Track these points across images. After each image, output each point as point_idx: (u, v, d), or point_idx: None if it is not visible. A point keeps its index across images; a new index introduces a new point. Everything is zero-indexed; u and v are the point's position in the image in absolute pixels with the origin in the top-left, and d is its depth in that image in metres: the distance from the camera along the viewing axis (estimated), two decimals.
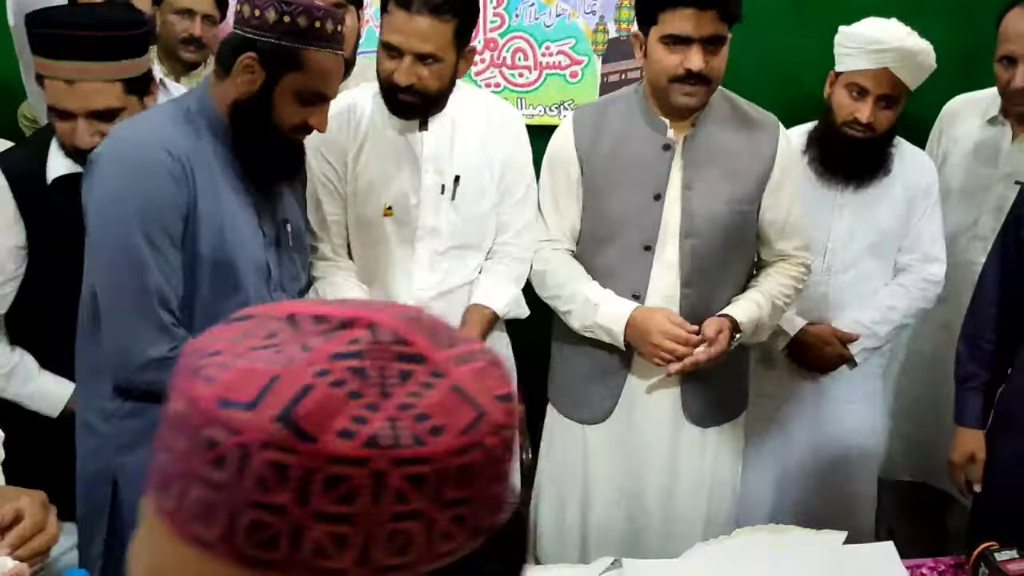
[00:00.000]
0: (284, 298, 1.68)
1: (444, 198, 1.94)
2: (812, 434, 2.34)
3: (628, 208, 1.93)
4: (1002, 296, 1.95)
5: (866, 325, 2.23)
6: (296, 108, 1.54)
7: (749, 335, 1.96)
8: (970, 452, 2.01)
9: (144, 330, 1.50)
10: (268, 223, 1.65)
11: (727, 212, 1.91)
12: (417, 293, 1.97)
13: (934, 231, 2.27)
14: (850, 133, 2.13)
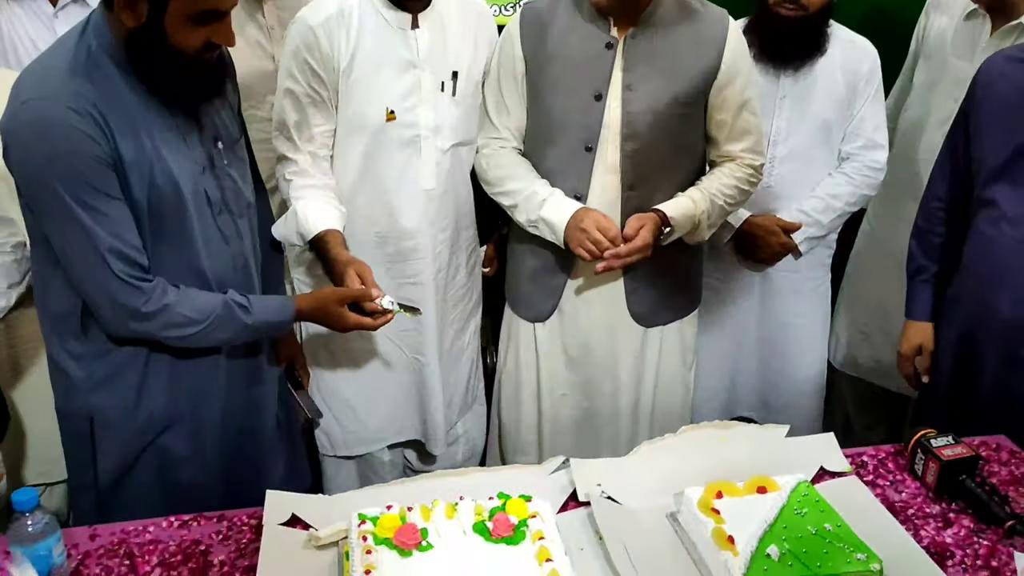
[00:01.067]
0: (230, 221, 1.65)
1: (444, 95, 1.93)
2: (762, 327, 2.39)
3: (569, 108, 1.91)
4: (949, 190, 1.98)
5: (808, 213, 2.26)
6: (192, 30, 1.45)
7: (684, 231, 1.95)
8: (918, 344, 2.06)
9: (111, 291, 1.50)
10: (197, 147, 1.58)
11: (669, 114, 1.89)
12: (425, 192, 1.97)
13: (877, 117, 2.27)
14: (783, 13, 2.11)
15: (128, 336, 1.58)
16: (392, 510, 1.39)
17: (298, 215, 1.87)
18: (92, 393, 1.61)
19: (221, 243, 1.64)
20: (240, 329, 1.63)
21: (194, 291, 1.59)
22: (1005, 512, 1.49)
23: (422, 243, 2.01)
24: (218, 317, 1.59)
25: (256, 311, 1.64)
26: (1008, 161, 1.81)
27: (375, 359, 2.11)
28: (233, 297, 1.62)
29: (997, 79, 1.85)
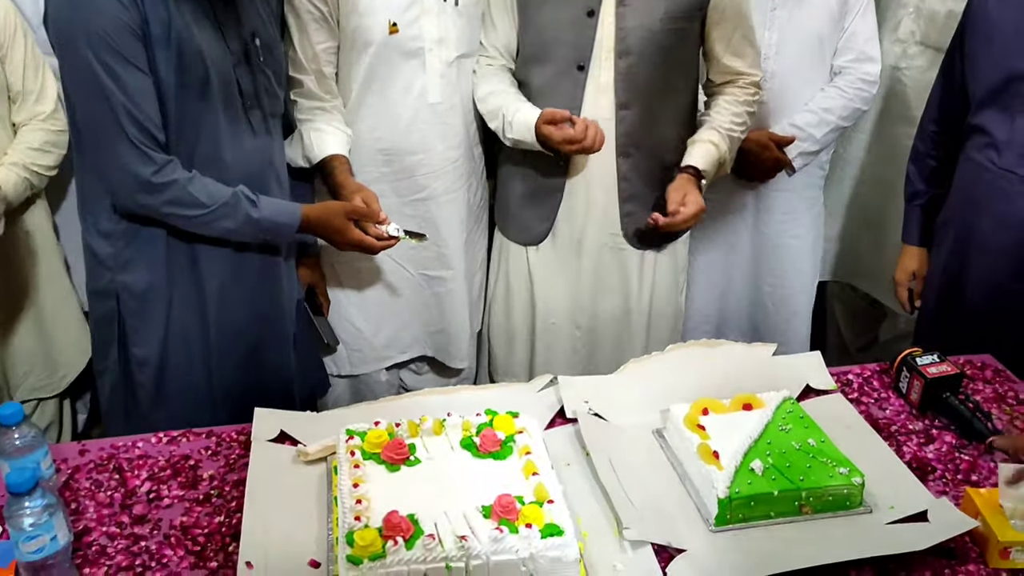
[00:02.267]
0: (260, 116, 1.70)
1: (447, 5, 1.90)
2: (754, 246, 2.39)
3: (560, 24, 1.87)
4: (944, 114, 1.96)
5: (802, 128, 2.23)
6: None
7: (712, 175, 1.96)
8: (911, 270, 2.08)
9: (121, 155, 1.54)
10: (234, 39, 1.62)
11: (663, 29, 1.85)
12: (431, 107, 1.95)
13: (868, 30, 2.24)
14: None
15: (135, 210, 1.61)
16: (380, 426, 1.40)
17: (303, 139, 1.88)
18: (120, 271, 1.67)
19: (249, 135, 1.68)
20: (244, 221, 1.64)
21: (207, 179, 1.61)
22: (987, 428, 1.51)
23: (429, 158, 1.99)
24: (225, 204, 1.62)
25: (264, 207, 1.66)
26: (998, 87, 1.78)
27: (380, 278, 2.10)
28: (243, 190, 1.64)
29: (993, 3, 1.80)
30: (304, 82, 1.89)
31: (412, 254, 2.06)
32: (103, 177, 1.61)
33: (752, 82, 1.99)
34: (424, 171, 2.00)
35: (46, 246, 2.14)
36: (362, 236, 1.75)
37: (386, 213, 1.83)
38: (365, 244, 1.76)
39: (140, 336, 1.71)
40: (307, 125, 1.89)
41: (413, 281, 2.12)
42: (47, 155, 1.98)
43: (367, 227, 1.76)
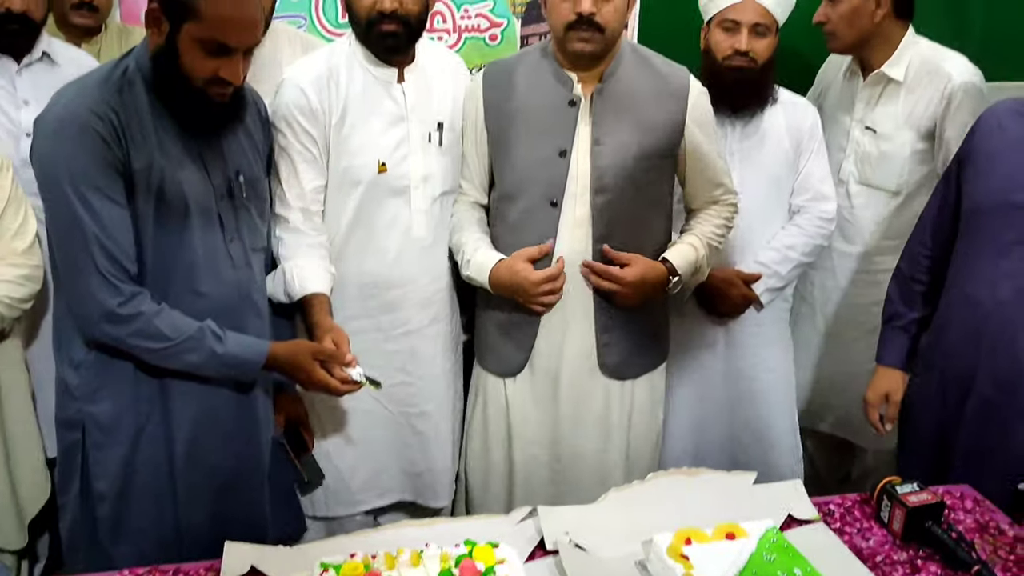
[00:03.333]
0: (240, 249, 1.73)
1: (432, 145, 1.97)
2: (728, 381, 2.40)
3: (532, 163, 1.95)
4: (936, 237, 1.99)
5: (767, 265, 2.31)
6: (202, 58, 1.55)
7: (688, 277, 2.01)
8: (885, 392, 2.06)
9: (90, 285, 1.56)
10: (218, 175, 1.67)
11: (637, 167, 1.93)
12: (415, 241, 1.99)
13: (822, 170, 2.36)
14: (733, 64, 2.20)
15: (100, 339, 1.61)
16: (356, 558, 1.36)
17: (286, 275, 1.90)
18: (87, 401, 1.66)
19: (228, 267, 1.70)
20: (209, 355, 1.64)
21: (175, 312, 1.63)
22: (972, 557, 1.49)
23: (413, 291, 2.02)
24: (190, 338, 1.62)
25: (229, 343, 1.66)
26: (992, 213, 1.81)
27: (358, 417, 2.08)
28: (209, 325, 1.65)
29: (995, 128, 1.85)
30: (290, 219, 1.93)
31: (392, 391, 2.05)
32: (72, 306, 1.62)
33: (731, 203, 2.07)
34: (408, 304, 2.02)
35: (16, 382, 2.10)
36: (326, 378, 1.74)
37: (369, 349, 1.86)
38: (329, 386, 1.75)
39: (102, 468, 1.67)
40: (290, 262, 1.91)
41: (393, 420, 2.09)
42: (20, 288, 1.98)
43: (332, 369, 1.75)
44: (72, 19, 2.36)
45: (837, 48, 2.43)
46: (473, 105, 2.01)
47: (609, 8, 1.83)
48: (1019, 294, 1.78)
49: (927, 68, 2.38)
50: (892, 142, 2.41)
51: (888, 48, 2.40)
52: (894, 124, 2.40)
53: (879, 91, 2.43)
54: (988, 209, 1.83)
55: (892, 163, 2.42)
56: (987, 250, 1.82)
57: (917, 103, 2.38)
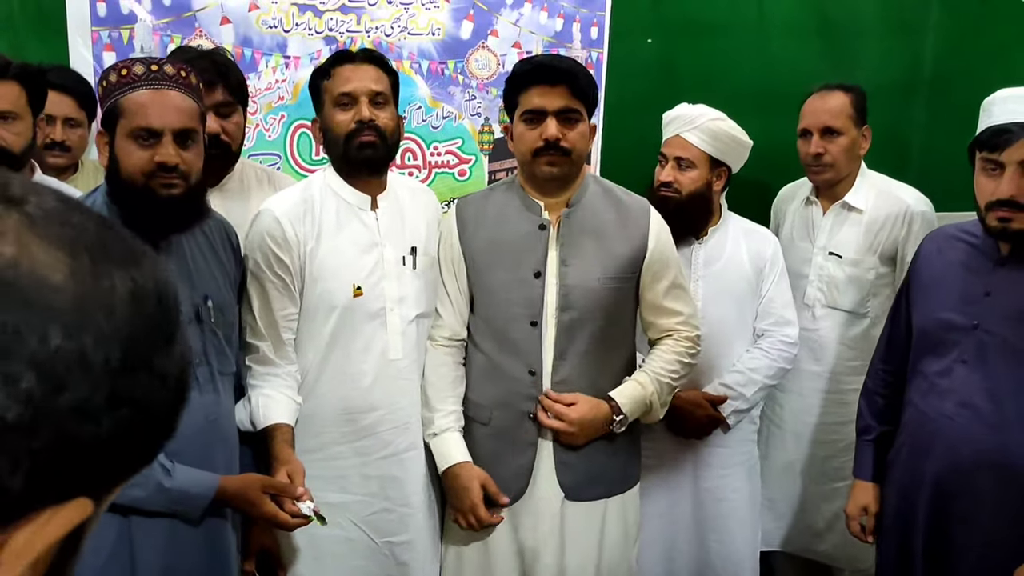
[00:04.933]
0: (208, 373, 1.73)
1: (406, 269, 2.02)
2: (697, 505, 2.43)
3: (511, 286, 2.03)
4: (892, 355, 2.09)
5: (732, 387, 2.37)
6: (134, 150, 1.61)
7: (637, 414, 2.05)
8: (862, 505, 2.11)
9: None
10: (185, 300, 1.69)
11: (601, 288, 2.01)
12: (392, 363, 2.01)
13: (784, 296, 2.46)
14: (660, 194, 2.34)
15: None
16: None
17: (251, 404, 1.90)
18: None
19: (195, 391, 1.67)
20: (155, 489, 1.61)
21: None
22: None
23: (392, 414, 2.02)
24: None
25: (178, 477, 1.64)
26: (934, 333, 1.92)
27: (339, 546, 2.02)
28: (159, 458, 1.60)
29: (935, 253, 1.98)
30: (260, 348, 1.95)
31: (373, 519, 2.03)
32: None
33: (687, 336, 2.12)
34: (386, 427, 2.02)
35: None
36: (275, 511, 1.72)
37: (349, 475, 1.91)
38: (279, 520, 1.73)
39: None
40: (257, 391, 1.92)
41: (376, 551, 2.05)
42: None
43: (283, 503, 1.73)
44: (46, 159, 2.40)
45: (829, 179, 2.55)
46: (448, 237, 2.09)
47: (574, 133, 1.96)
48: (962, 409, 1.86)
49: (884, 198, 2.54)
50: (857, 267, 2.52)
51: (850, 179, 2.56)
52: (857, 249, 2.53)
53: (841, 219, 2.56)
54: (931, 329, 1.94)
55: (858, 286, 2.53)
56: (933, 367, 1.92)
57: (880, 230, 2.51)
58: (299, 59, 2.77)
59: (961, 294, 1.89)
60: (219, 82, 2.13)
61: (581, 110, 1.97)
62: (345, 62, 1.95)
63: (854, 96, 2.53)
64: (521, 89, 1.98)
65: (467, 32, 2.82)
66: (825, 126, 2.50)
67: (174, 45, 2.71)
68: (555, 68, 1.96)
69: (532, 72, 1.97)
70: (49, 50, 2.64)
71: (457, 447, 2.05)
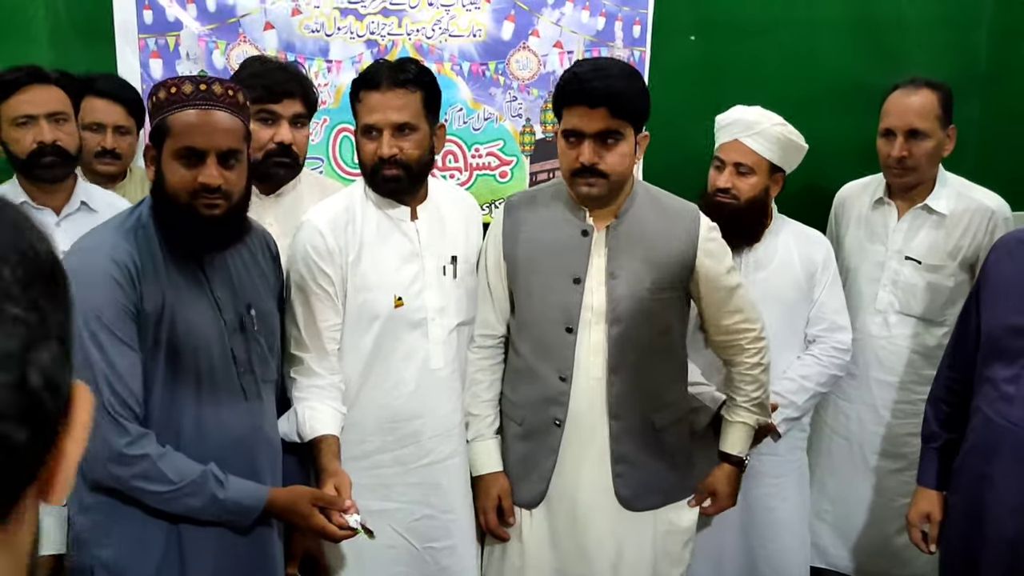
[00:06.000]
0: (253, 381, 1.76)
1: (447, 278, 2.02)
2: (745, 513, 2.38)
3: (548, 290, 2.00)
4: (960, 361, 2.03)
5: (782, 395, 2.31)
6: (178, 169, 1.64)
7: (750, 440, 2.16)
8: (925, 512, 2.06)
9: (98, 426, 1.55)
10: (229, 310, 1.72)
11: (650, 298, 1.98)
12: (433, 372, 2.02)
13: (837, 301, 2.40)
14: (716, 200, 2.29)
15: (107, 482, 1.61)
16: None
17: (298, 416, 1.91)
18: (96, 546, 1.64)
19: (241, 399, 1.73)
20: (210, 500, 1.64)
21: (179, 455, 1.63)
22: None
23: (433, 422, 2.03)
24: (192, 483, 1.62)
25: (231, 488, 1.66)
26: (1003, 339, 1.85)
27: (382, 553, 2.02)
28: (212, 469, 1.65)
29: (1005, 257, 1.91)
30: (305, 360, 1.95)
31: (416, 525, 2.04)
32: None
33: (755, 337, 2.09)
34: (428, 435, 2.03)
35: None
36: (324, 523, 1.73)
37: (391, 483, 1.94)
38: (327, 532, 1.74)
39: None
40: (303, 403, 1.92)
41: (418, 556, 2.05)
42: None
43: (331, 515, 1.75)
44: (96, 167, 2.45)
45: (910, 182, 2.43)
46: (495, 237, 2.08)
47: (613, 156, 1.89)
48: None
49: (966, 202, 2.43)
50: (937, 273, 2.42)
51: (930, 181, 2.46)
52: (937, 255, 2.42)
53: (919, 222, 2.46)
54: (1000, 334, 1.87)
55: (936, 293, 2.42)
56: (1001, 374, 1.85)
57: (963, 235, 2.41)
58: (341, 63, 2.79)
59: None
60: (299, 94, 2.19)
61: (623, 130, 1.89)
62: (372, 88, 1.90)
63: (941, 95, 2.39)
64: (563, 104, 1.92)
65: (508, 33, 2.81)
66: (911, 128, 2.37)
67: (219, 51, 2.75)
68: (594, 89, 1.85)
69: (572, 93, 1.89)
70: (96, 58, 2.69)
71: (489, 456, 2.08)
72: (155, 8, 2.71)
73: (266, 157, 2.16)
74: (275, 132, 2.16)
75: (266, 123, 2.14)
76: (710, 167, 2.36)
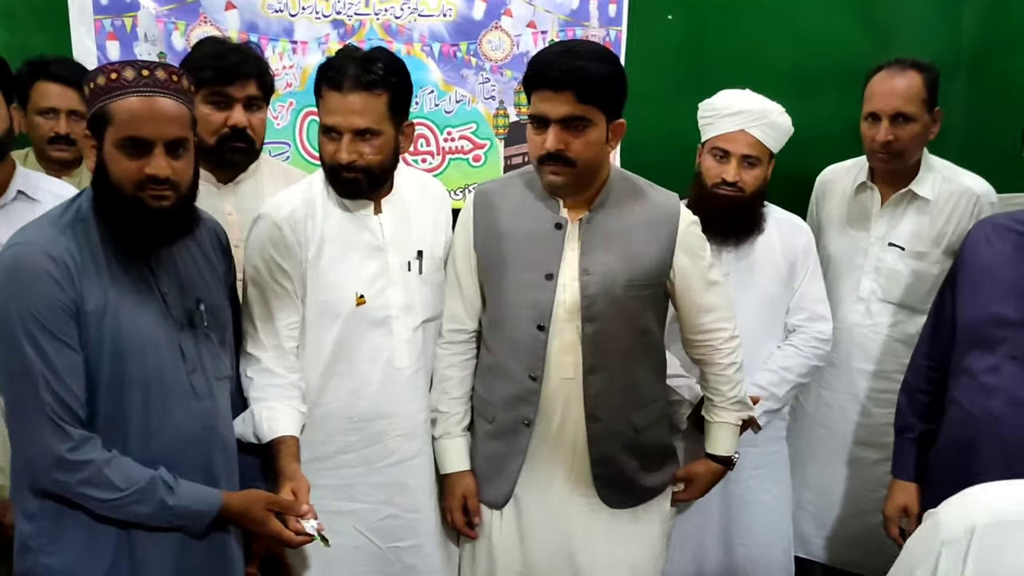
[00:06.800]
0: (203, 379, 1.68)
1: (412, 274, 1.95)
2: (725, 508, 2.33)
3: (520, 286, 1.91)
4: (935, 350, 1.98)
5: (763, 387, 2.25)
6: (123, 160, 1.55)
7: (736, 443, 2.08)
8: (902, 505, 2.02)
9: (39, 431, 1.51)
10: (176, 306, 1.65)
11: (625, 296, 1.88)
12: (398, 371, 1.95)
13: (818, 291, 2.33)
14: (720, 192, 2.20)
15: (51, 488, 1.55)
16: None
17: (255, 416, 1.84)
18: (43, 553, 1.58)
19: (191, 398, 1.65)
20: (159, 507, 1.57)
21: (126, 460, 1.56)
22: None
23: (399, 422, 1.96)
24: (140, 489, 1.56)
25: (181, 494, 1.59)
26: (982, 328, 1.81)
27: (344, 553, 1.95)
28: (162, 474, 1.58)
29: (982, 243, 1.86)
30: (262, 359, 1.87)
31: (380, 525, 1.97)
32: (21, 452, 1.57)
33: (728, 337, 2.01)
34: (393, 435, 1.96)
35: None
36: (280, 529, 1.67)
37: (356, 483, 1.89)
38: (283, 538, 1.68)
39: None
40: (260, 403, 1.84)
41: (382, 556, 1.99)
42: None
43: (288, 520, 1.68)
44: (49, 153, 2.36)
45: (895, 168, 2.35)
46: (464, 227, 1.99)
47: (579, 142, 1.78)
48: (1012, 407, 1.75)
49: (951, 186, 2.35)
50: (922, 260, 2.35)
51: (915, 165, 2.37)
52: (922, 242, 2.34)
53: (903, 208, 2.39)
54: (979, 323, 1.83)
55: (920, 281, 2.34)
56: (979, 364, 1.81)
57: (948, 221, 2.33)
58: (307, 44, 2.69)
59: (1014, 286, 1.78)
60: (254, 76, 2.09)
61: (590, 116, 1.77)
62: (333, 88, 1.80)
63: (927, 76, 2.29)
64: (530, 88, 1.80)
65: (480, 12, 2.71)
66: (897, 111, 2.28)
67: (178, 32, 2.65)
68: (559, 72, 1.73)
69: (537, 76, 1.77)
70: (52, 41, 2.60)
71: (455, 454, 2.01)
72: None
73: (220, 142, 2.06)
74: (228, 116, 2.06)
75: (219, 107, 2.04)
76: (704, 155, 2.26)
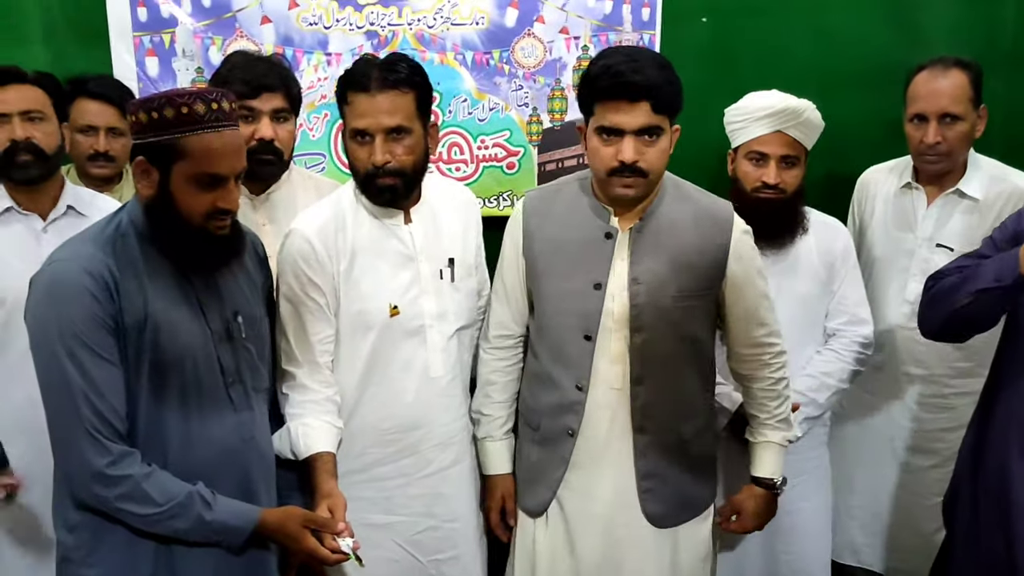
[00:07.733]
0: (242, 391, 1.70)
1: (444, 282, 1.95)
2: None
3: (567, 294, 1.90)
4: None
5: (804, 393, 2.21)
6: (197, 194, 1.57)
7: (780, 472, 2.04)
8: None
9: (78, 445, 1.53)
10: (215, 318, 1.66)
11: (675, 306, 1.86)
12: (433, 381, 1.95)
13: (858, 293, 2.29)
14: (762, 196, 2.17)
15: (91, 503, 1.57)
16: None
17: (291, 433, 1.84)
18: (83, 565, 1.60)
19: (230, 410, 1.67)
20: (196, 522, 1.59)
21: (165, 475, 1.58)
22: None
23: (433, 432, 1.96)
24: (178, 504, 1.57)
25: (219, 509, 1.61)
26: None
27: (381, 566, 1.94)
28: (200, 490, 1.60)
29: None
30: (297, 376, 1.88)
31: (419, 538, 1.97)
32: (62, 466, 1.59)
33: (778, 352, 1.98)
34: (429, 445, 1.96)
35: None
36: (316, 547, 1.67)
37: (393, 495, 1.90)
38: (319, 555, 1.68)
39: None
40: (296, 419, 1.85)
41: (423, 570, 1.98)
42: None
43: (324, 538, 1.68)
44: (89, 170, 2.39)
45: (943, 169, 2.31)
46: (514, 233, 1.98)
47: (653, 152, 1.78)
48: None
49: (1000, 185, 2.30)
50: None
51: (962, 165, 2.33)
52: (971, 242, 2.24)
53: (950, 208, 2.33)
54: None
55: None
56: None
57: (998, 220, 2.23)
58: (341, 56, 2.71)
59: None
60: (281, 88, 2.11)
61: (663, 125, 1.78)
62: (360, 91, 1.80)
63: (972, 74, 2.24)
64: (597, 99, 1.77)
65: (512, 19, 2.71)
66: (944, 112, 2.23)
67: (215, 47, 2.68)
68: (637, 85, 1.72)
69: (610, 87, 1.74)
70: (92, 58, 2.64)
71: (499, 456, 2.02)
72: (149, 5, 2.65)
73: (248, 155, 2.08)
74: (256, 129, 2.08)
75: (246, 120, 2.05)
76: (739, 161, 2.23)
